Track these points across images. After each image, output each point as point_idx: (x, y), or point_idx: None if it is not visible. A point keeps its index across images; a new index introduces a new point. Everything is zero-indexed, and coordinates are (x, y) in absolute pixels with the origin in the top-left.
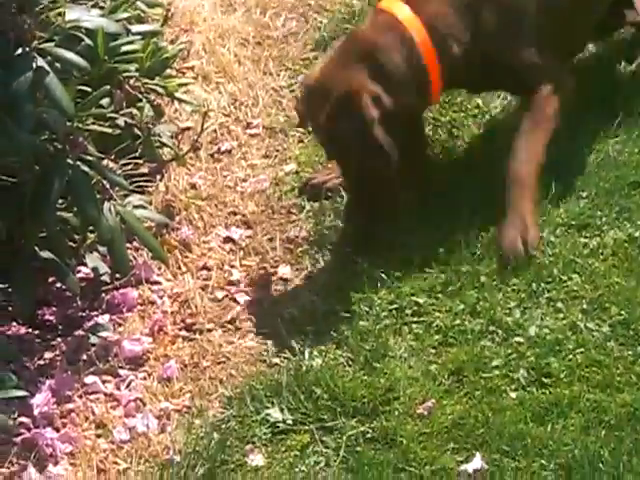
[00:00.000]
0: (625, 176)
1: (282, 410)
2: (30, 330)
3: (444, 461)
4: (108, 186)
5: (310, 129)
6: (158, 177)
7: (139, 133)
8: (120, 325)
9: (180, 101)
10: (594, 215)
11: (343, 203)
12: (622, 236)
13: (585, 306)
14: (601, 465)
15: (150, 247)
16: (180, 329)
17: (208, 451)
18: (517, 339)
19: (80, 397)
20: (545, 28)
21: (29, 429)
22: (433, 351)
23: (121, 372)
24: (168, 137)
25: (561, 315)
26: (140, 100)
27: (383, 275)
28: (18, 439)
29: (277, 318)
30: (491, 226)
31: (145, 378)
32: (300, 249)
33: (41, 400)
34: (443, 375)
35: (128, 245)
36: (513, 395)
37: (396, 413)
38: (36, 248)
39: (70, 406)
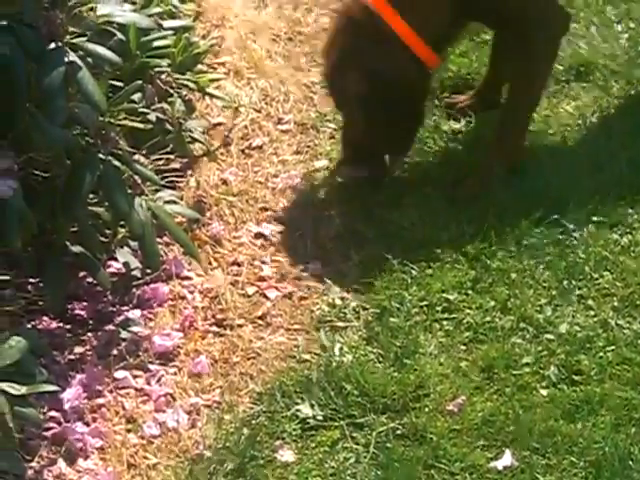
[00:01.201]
0: None
1: (312, 406)
2: (61, 325)
3: (474, 458)
4: (139, 181)
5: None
6: (189, 172)
7: (170, 128)
8: (151, 320)
9: (211, 96)
10: (626, 213)
11: (376, 202)
12: None
13: (616, 303)
14: (631, 462)
15: (181, 242)
16: (210, 324)
17: (238, 446)
18: (548, 336)
19: (110, 392)
20: None
21: (59, 423)
22: (463, 348)
23: (151, 367)
24: (199, 132)
25: (592, 312)
26: (171, 95)
27: (413, 271)
28: (48, 433)
29: (307, 314)
30: (521, 223)
31: (175, 373)
32: (330, 245)
33: (71, 395)
34: (473, 372)
35: (159, 240)
36: (543, 392)
37: (426, 410)
38: (67, 243)
39: (100, 401)
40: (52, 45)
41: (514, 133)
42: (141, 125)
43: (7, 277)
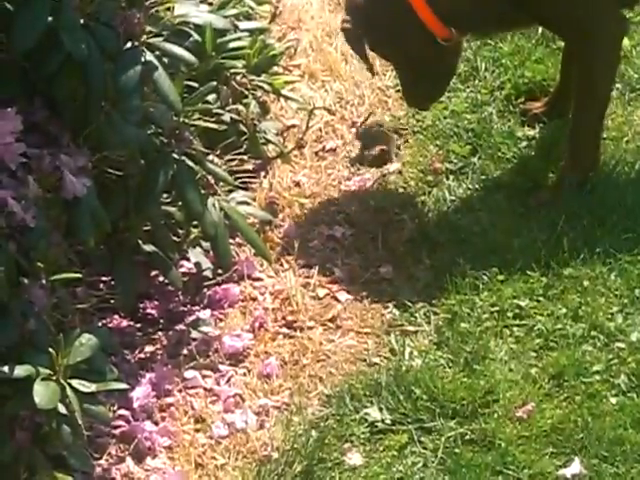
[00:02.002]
0: None
1: (381, 410)
2: (132, 323)
3: (542, 465)
4: (213, 181)
5: None
6: (262, 174)
7: (244, 129)
8: (221, 320)
9: (286, 98)
10: None
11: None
12: None
13: None
14: None
15: (253, 243)
16: (281, 326)
17: (306, 449)
18: (619, 344)
19: (180, 391)
20: None
21: (128, 422)
22: (534, 355)
23: (221, 367)
24: (273, 134)
25: None
26: (246, 97)
27: (485, 277)
28: (117, 431)
29: (378, 317)
30: (594, 230)
31: (245, 374)
32: (402, 249)
33: (141, 393)
34: (543, 379)
35: (231, 241)
36: (613, 400)
37: (495, 416)
38: (140, 241)
39: (170, 400)
40: (129, 44)
41: (585, 144)
42: (215, 126)
43: (79, 275)
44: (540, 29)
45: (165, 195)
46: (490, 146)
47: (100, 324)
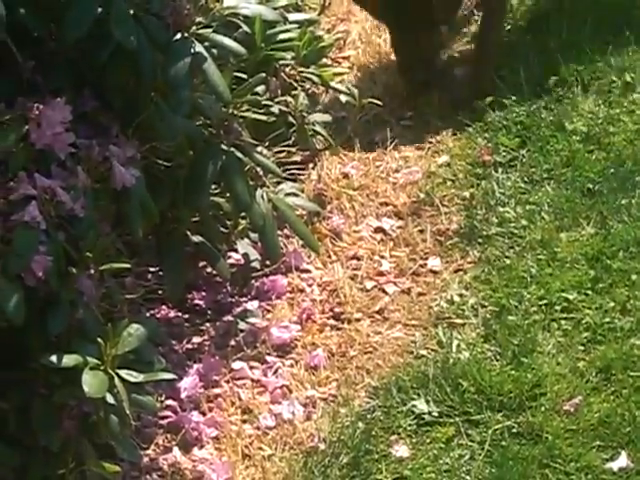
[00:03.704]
0: None
1: (428, 402)
2: (180, 314)
3: (589, 458)
4: (261, 173)
5: None
6: (311, 166)
7: (293, 121)
8: (269, 312)
9: (335, 90)
10: None
11: (496, 195)
12: None
13: None
14: None
15: (301, 235)
16: (328, 318)
17: (353, 440)
18: None
19: (227, 382)
20: None
21: (176, 412)
22: (581, 348)
23: (268, 359)
24: (322, 126)
25: None
26: (295, 88)
27: (533, 270)
28: (165, 422)
29: (425, 310)
30: None
31: (292, 365)
32: (450, 241)
33: (188, 384)
34: (591, 372)
35: (279, 232)
36: None
37: (542, 409)
38: (188, 232)
39: (217, 391)
40: (178, 35)
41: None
42: (264, 117)
43: (128, 265)
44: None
45: (214, 186)
46: (539, 139)
47: (148, 314)
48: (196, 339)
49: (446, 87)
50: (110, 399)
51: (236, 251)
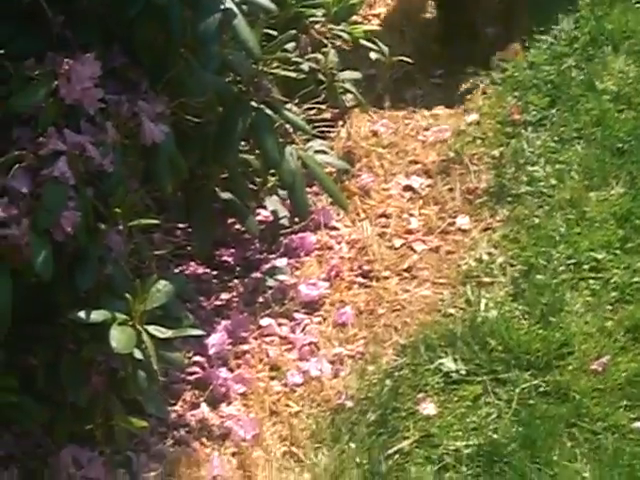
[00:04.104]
0: None
1: (455, 360)
2: (208, 270)
3: (617, 418)
4: (291, 130)
5: None
6: (340, 123)
7: (323, 79)
8: (297, 269)
9: (365, 48)
10: None
11: (525, 154)
12: None
13: None
14: None
15: (330, 192)
16: (357, 275)
17: (380, 398)
18: None
19: (255, 339)
20: None
21: (203, 368)
22: (609, 307)
23: (296, 316)
24: (352, 84)
25: None
26: (325, 46)
27: (561, 229)
28: (192, 378)
29: (454, 268)
30: None
31: (320, 323)
32: (479, 200)
33: (216, 340)
34: (619, 332)
35: (308, 189)
36: None
37: (570, 368)
38: (217, 189)
39: (245, 347)
40: None
41: None
42: (294, 74)
43: (157, 221)
44: None
45: (243, 143)
46: (569, 98)
47: (177, 271)
48: (224, 296)
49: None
50: (138, 355)
51: (265, 208)
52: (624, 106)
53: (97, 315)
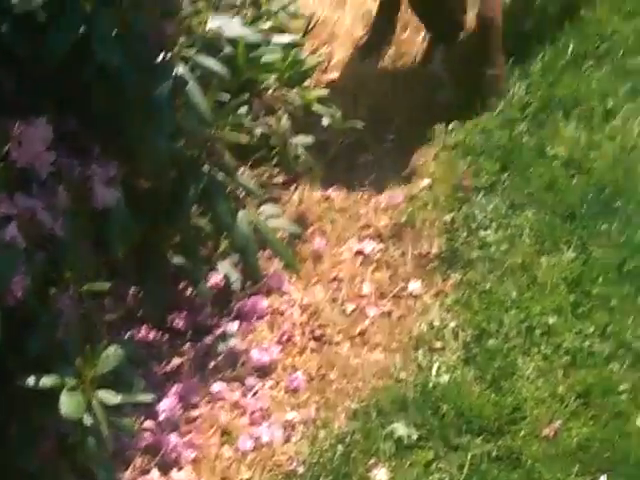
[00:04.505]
0: None
1: (407, 425)
2: (159, 335)
3: None
4: (243, 194)
5: None
6: (292, 188)
7: (275, 143)
8: (249, 333)
9: (317, 113)
10: None
11: (477, 217)
12: None
13: None
14: None
15: (282, 257)
16: (308, 340)
17: (332, 463)
18: None
19: (206, 404)
20: None
21: (154, 434)
22: (561, 372)
23: (248, 380)
24: (304, 148)
25: None
26: (278, 110)
27: (513, 294)
28: (143, 443)
29: (406, 333)
30: (623, 249)
31: (272, 387)
32: (431, 265)
33: (167, 405)
34: (570, 397)
35: (260, 254)
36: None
37: (522, 433)
38: (169, 253)
39: (196, 412)
40: (162, 56)
41: None
42: (246, 139)
43: (108, 286)
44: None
45: (195, 207)
46: (520, 163)
47: (128, 335)
48: (176, 360)
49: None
50: (88, 420)
51: (217, 272)
52: (575, 171)
53: (47, 380)
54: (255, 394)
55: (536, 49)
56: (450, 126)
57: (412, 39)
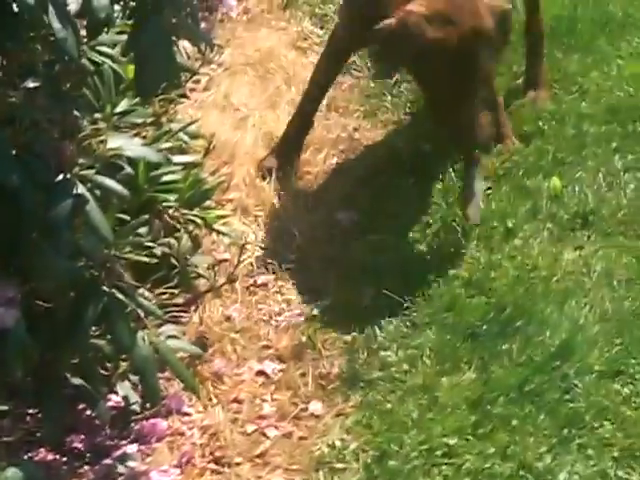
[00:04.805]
0: None
1: None
2: (58, 457)
3: None
4: (142, 315)
5: None
6: (193, 308)
7: (176, 263)
8: (148, 455)
9: (218, 233)
10: (628, 362)
11: (378, 337)
12: None
13: (616, 454)
14: None
15: (182, 378)
16: (209, 462)
17: None
18: None
19: None
20: None
21: None
22: None
23: None
24: (204, 268)
25: (592, 462)
26: (178, 230)
27: (414, 415)
28: None
29: (307, 454)
30: (523, 369)
31: None
32: (332, 385)
33: None
34: None
35: (160, 375)
36: None
37: None
38: (68, 374)
39: None
40: (61, 176)
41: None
42: (146, 259)
43: (6, 407)
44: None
45: (94, 328)
46: (421, 283)
47: (26, 457)
48: None
49: None
50: None
51: (116, 393)
52: (475, 291)
53: None
54: None
55: (436, 167)
56: (352, 245)
57: (314, 159)
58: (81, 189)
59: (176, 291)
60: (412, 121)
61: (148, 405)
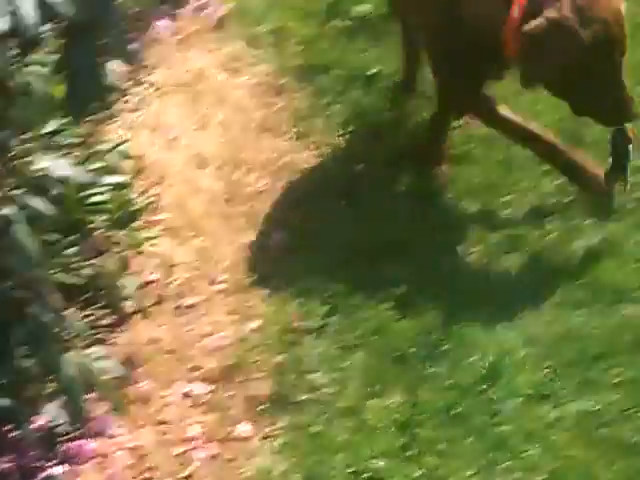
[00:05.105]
0: (587, 348)
1: None
2: None
3: None
4: (70, 335)
5: None
6: (120, 329)
7: (104, 284)
8: (75, 477)
9: (146, 254)
10: (554, 386)
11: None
12: (582, 408)
13: (543, 477)
14: None
15: (109, 399)
16: None
17: None
18: None
19: None
20: None
21: None
22: None
23: None
24: (133, 289)
25: None
26: (107, 251)
27: (342, 437)
28: None
29: (235, 476)
30: (451, 392)
31: None
32: (260, 407)
33: None
34: None
35: (88, 396)
36: None
37: None
38: None
39: None
40: None
41: None
42: (74, 280)
43: None
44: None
45: (21, 348)
46: (348, 306)
47: None
48: None
49: None
50: None
51: (42, 414)
52: (403, 314)
53: None
54: None
55: (367, 192)
56: (282, 267)
57: (245, 180)
58: (8, 209)
59: (104, 312)
60: (344, 143)
61: (75, 426)
